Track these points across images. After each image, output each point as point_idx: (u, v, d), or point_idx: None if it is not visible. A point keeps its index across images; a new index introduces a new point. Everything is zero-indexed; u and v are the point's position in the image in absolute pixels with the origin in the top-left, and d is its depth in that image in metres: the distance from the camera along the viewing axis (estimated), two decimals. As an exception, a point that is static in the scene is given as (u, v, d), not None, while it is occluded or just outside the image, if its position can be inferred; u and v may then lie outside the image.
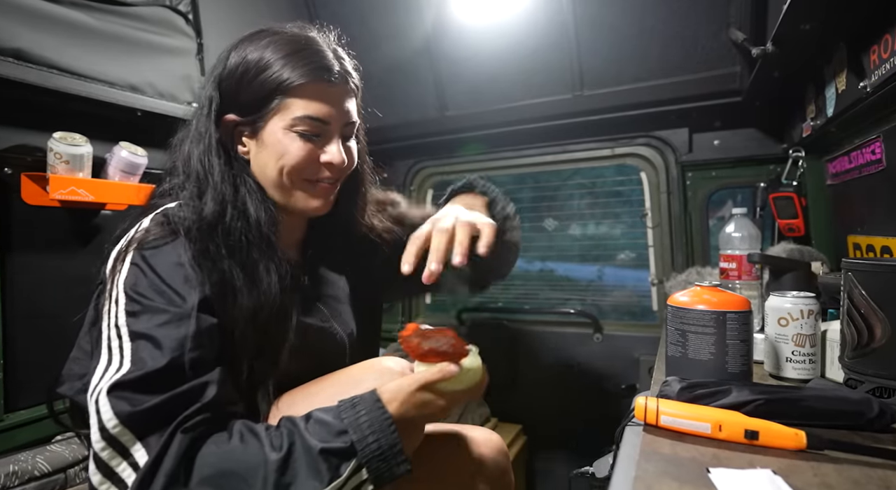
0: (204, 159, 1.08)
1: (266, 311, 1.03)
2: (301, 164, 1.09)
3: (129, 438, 0.80)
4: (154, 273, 0.93)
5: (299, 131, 1.08)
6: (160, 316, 0.89)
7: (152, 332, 0.87)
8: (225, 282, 0.99)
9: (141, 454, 0.79)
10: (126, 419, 0.80)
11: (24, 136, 1.66)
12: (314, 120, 1.08)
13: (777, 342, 1.20)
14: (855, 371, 1.02)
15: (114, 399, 0.81)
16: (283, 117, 1.08)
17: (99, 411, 0.82)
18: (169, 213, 1.03)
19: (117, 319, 0.90)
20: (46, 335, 1.70)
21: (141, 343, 0.86)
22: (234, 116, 1.11)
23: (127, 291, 0.91)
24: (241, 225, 1.05)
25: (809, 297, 1.19)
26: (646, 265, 2.71)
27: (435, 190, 3.22)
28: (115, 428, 0.80)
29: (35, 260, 1.74)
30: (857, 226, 1.69)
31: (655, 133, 2.54)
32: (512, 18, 2.44)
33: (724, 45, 2.15)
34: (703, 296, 1.12)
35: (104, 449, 0.80)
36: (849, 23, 1.39)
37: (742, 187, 2.48)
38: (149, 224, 1.01)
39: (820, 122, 1.71)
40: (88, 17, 1.78)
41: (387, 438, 0.86)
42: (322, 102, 1.08)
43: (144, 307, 0.89)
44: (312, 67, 1.07)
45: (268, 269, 1.05)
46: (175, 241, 0.98)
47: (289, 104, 1.07)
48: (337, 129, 1.12)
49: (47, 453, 1.54)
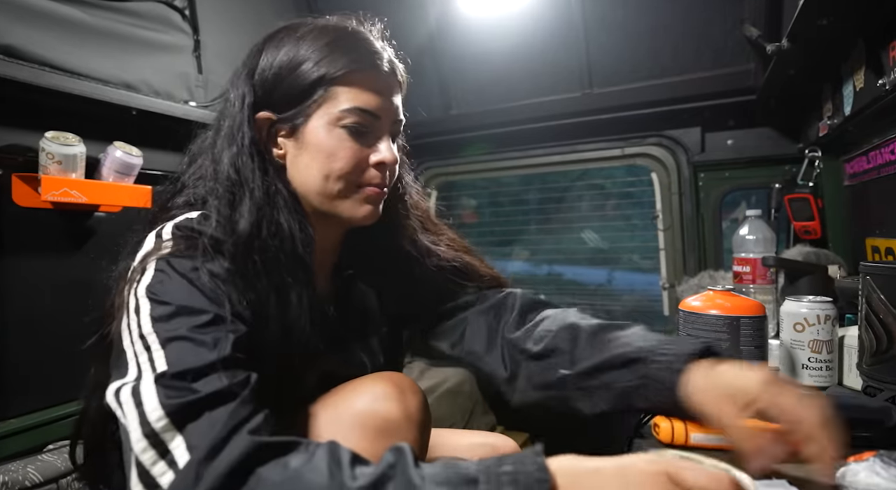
0: (238, 162, 0.96)
1: (293, 344, 0.94)
2: (353, 164, 0.99)
3: (171, 435, 0.67)
4: (181, 276, 0.82)
5: (348, 125, 0.98)
6: (195, 317, 0.78)
7: (190, 334, 0.75)
8: (258, 306, 0.89)
9: (181, 451, 0.66)
10: (175, 410, 0.68)
11: (14, 136, 1.66)
12: (365, 112, 0.99)
13: (793, 348, 1.20)
14: (874, 378, 1.02)
15: (162, 388, 0.70)
16: (327, 111, 0.98)
17: (142, 404, 0.69)
18: (193, 225, 0.91)
19: (141, 329, 0.77)
20: (38, 341, 1.71)
21: (178, 344, 0.75)
22: (270, 114, 1.00)
23: (150, 296, 0.80)
24: (275, 243, 0.93)
25: (826, 302, 1.19)
26: (656, 269, 2.70)
27: (439, 190, 3.22)
28: (159, 421, 0.67)
29: (26, 263, 1.74)
30: (876, 228, 1.68)
31: (667, 132, 2.54)
32: (518, 14, 2.44)
33: (737, 42, 2.15)
34: (715, 300, 1.12)
35: (145, 450, 0.67)
36: (867, 18, 1.39)
37: (756, 188, 2.47)
38: (170, 236, 0.89)
39: (837, 121, 1.71)
40: (82, 13, 1.79)
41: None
42: (373, 92, 1.00)
43: (176, 309, 0.78)
44: (361, 53, 1.00)
45: (300, 297, 0.95)
46: (200, 254, 0.86)
47: (335, 94, 0.98)
48: (387, 124, 1.04)
49: (39, 463, 1.54)
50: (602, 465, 0.65)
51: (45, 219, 1.76)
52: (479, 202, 3.52)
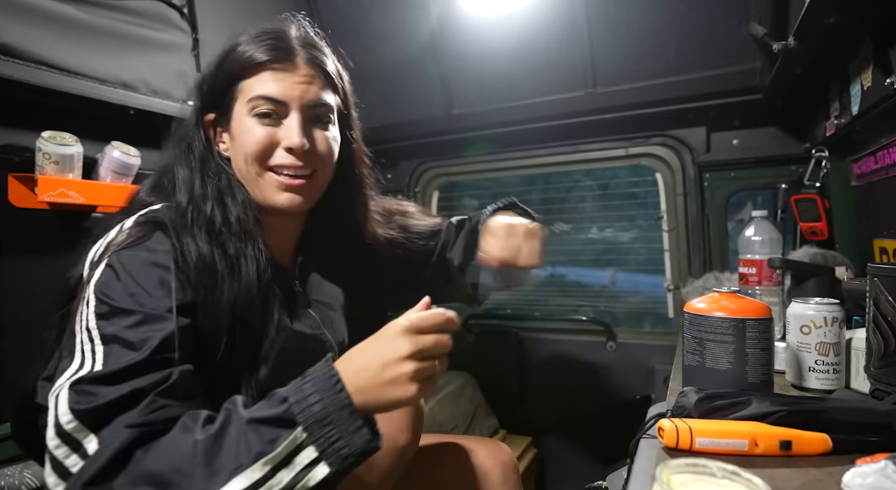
0: (184, 160, 1.14)
1: (244, 300, 1.04)
2: (259, 147, 1.10)
3: (84, 435, 0.79)
4: (127, 274, 0.94)
5: (256, 112, 1.10)
6: (130, 317, 0.89)
7: (122, 333, 0.87)
8: (205, 267, 1.01)
9: (92, 446, 0.79)
10: (81, 414, 0.80)
11: (11, 136, 1.66)
12: (268, 99, 1.10)
13: (799, 351, 1.20)
14: (881, 381, 1.02)
15: (73, 394, 0.81)
16: (242, 102, 1.12)
17: (57, 405, 0.81)
18: (151, 213, 1.06)
19: (88, 322, 0.90)
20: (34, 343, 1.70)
21: (112, 346, 0.86)
22: (212, 115, 1.17)
23: (97, 294, 0.92)
24: (219, 218, 1.08)
25: (833, 304, 1.19)
26: (661, 270, 2.71)
27: (440, 191, 3.22)
28: (69, 423, 0.80)
29: (22, 265, 1.74)
30: (884, 229, 1.68)
31: (671, 132, 2.54)
32: (521, 12, 2.44)
33: (743, 40, 2.15)
34: (721, 302, 1.12)
35: (58, 446, 0.80)
36: (875, 16, 1.39)
37: (762, 189, 2.48)
38: (131, 225, 1.03)
39: (844, 121, 1.70)
40: (79, 12, 1.79)
41: (332, 398, 0.80)
42: (277, 82, 1.10)
43: (113, 309, 0.90)
44: (267, 48, 1.11)
45: (246, 257, 1.07)
46: (153, 237, 1.01)
47: (247, 86, 1.11)
48: (297, 109, 1.12)
49: (35, 467, 1.54)
50: (366, 341, 0.88)
51: (42, 220, 1.76)
52: (481, 203, 3.52)
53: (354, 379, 0.82)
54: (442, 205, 3.23)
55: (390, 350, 0.84)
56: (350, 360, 0.85)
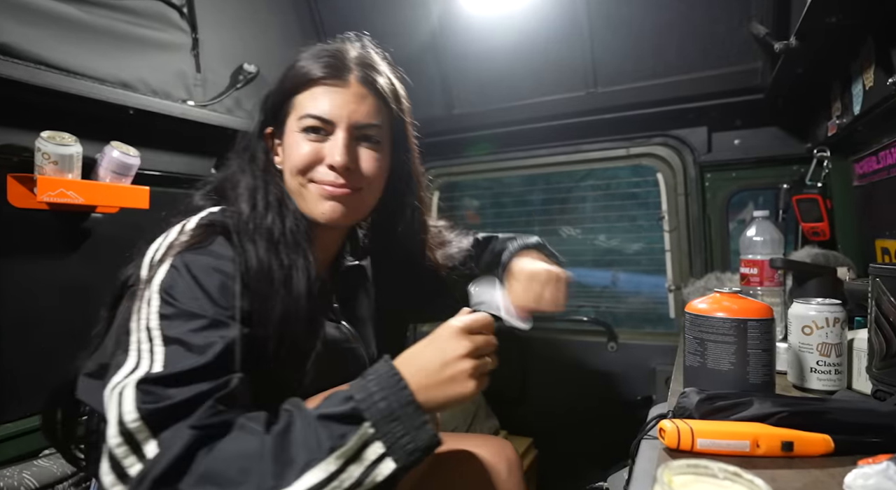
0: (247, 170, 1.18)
1: (294, 311, 1.06)
2: (303, 162, 1.13)
3: (145, 436, 0.80)
4: (192, 277, 0.95)
5: (304, 128, 1.13)
6: (195, 321, 0.91)
7: (186, 337, 0.88)
8: (263, 275, 1.04)
9: (151, 448, 0.79)
10: (147, 415, 0.80)
11: (9, 136, 1.66)
12: (316, 118, 1.12)
13: (801, 352, 1.20)
14: (883, 382, 1.02)
15: (140, 393, 0.82)
16: (294, 116, 1.15)
17: (121, 404, 0.82)
18: (212, 216, 1.09)
19: (149, 321, 0.91)
20: (33, 344, 1.71)
21: (174, 347, 0.88)
22: (270, 128, 1.21)
23: (162, 294, 0.93)
24: (278, 228, 1.11)
25: (835, 305, 1.19)
26: (662, 270, 2.71)
27: (441, 191, 3.22)
28: (133, 422, 0.80)
29: (21, 265, 1.74)
30: (886, 229, 1.68)
31: (673, 132, 2.54)
32: (522, 12, 2.44)
33: (744, 40, 2.15)
34: (722, 303, 1.12)
35: (119, 445, 0.80)
36: (876, 16, 1.39)
37: (764, 189, 2.48)
38: (193, 226, 1.05)
39: (846, 121, 1.71)
40: (78, 11, 1.79)
41: (396, 395, 0.84)
42: (327, 100, 1.13)
43: (179, 311, 0.92)
44: (323, 64, 1.14)
45: (298, 269, 1.09)
46: (215, 241, 1.03)
47: (298, 103, 1.15)
48: (344, 128, 1.13)
49: (34, 468, 1.54)
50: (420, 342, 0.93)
51: (41, 220, 1.76)
52: (482, 203, 3.52)
53: (415, 377, 0.87)
54: (442, 205, 3.23)
55: (449, 349, 0.90)
56: (407, 361, 0.90)
